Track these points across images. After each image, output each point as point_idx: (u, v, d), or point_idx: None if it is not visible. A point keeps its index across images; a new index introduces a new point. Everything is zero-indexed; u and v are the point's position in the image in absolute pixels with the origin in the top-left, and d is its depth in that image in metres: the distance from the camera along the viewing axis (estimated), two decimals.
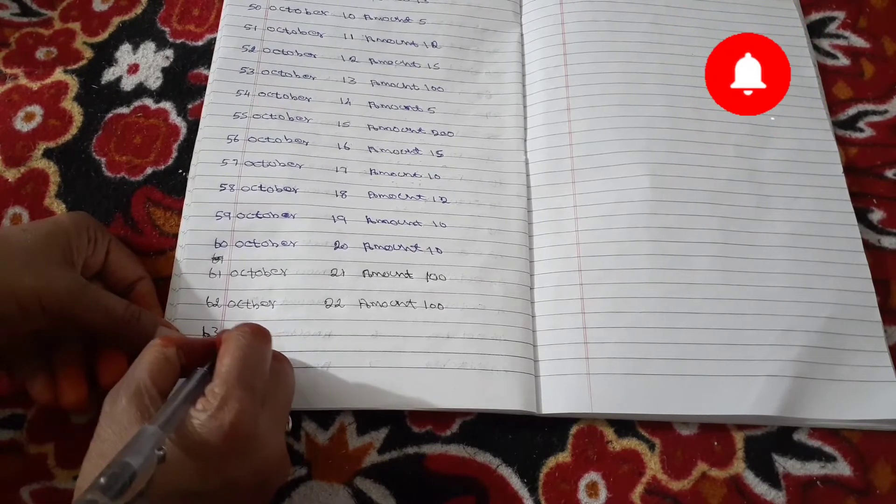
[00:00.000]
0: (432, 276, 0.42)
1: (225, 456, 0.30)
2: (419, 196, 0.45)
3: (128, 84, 0.48)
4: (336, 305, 0.41)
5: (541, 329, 0.41)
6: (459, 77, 0.49)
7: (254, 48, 0.48)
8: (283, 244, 0.42)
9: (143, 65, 0.49)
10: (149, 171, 0.45)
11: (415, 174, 0.45)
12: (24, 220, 0.44)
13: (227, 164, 0.44)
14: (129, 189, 0.45)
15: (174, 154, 0.46)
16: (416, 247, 0.43)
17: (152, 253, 0.43)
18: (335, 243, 0.43)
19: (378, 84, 0.48)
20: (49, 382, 0.36)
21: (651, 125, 0.47)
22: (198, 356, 0.34)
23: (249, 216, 0.43)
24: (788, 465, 0.39)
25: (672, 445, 0.39)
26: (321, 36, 0.49)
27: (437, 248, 0.43)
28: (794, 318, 0.41)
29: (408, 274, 0.42)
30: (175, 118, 0.47)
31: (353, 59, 0.49)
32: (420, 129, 0.47)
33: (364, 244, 0.43)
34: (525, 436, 0.39)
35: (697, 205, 0.44)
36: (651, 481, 0.38)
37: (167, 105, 0.47)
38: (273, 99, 0.47)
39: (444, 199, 0.45)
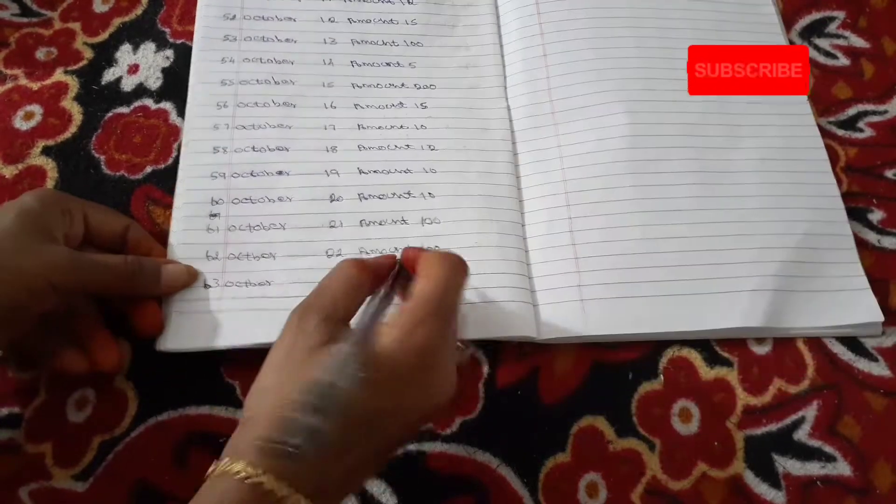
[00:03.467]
0: (427, 221, 0.44)
1: (405, 377, 0.30)
2: (408, 146, 0.46)
3: (128, 84, 0.48)
4: (337, 255, 0.42)
5: (535, 262, 0.43)
6: (437, 31, 0.51)
7: (234, 16, 0.49)
8: (280, 199, 0.43)
9: (143, 65, 0.49)
10: (148, 169, 0.45)
11: (402, 126, 0.47)
12: None
13: (218, 128, 0.45)
14: (128, 187, 0.45)
15: (174, 153, 0.46)
16: (409, 193, 0.44)
17: None
18: (331, 196, 0.44)
19: (358, 43, 0.49)
20: (79, 353, 0.37)
21: (624, 66, 0.49)
22: (380, 278, 0.35)
23: (244, 175, 0.44)
24: (788, 465, 0.39)
25: (672, 445, 0.39)
26: (299, 0, 0.50)
27: (429, 193, 0.44)
28: (771, 237, 0.44)
29: (403, 220, 0.44)
30: (175, 118, 0.47)
31: (331, 19, 0.50)
32: (403, 84, 0.48)
33: (359, 195, 0.44)
34: (525, 436, 0.39)
35: (673, 137, 0.47)
36: (651, 481, 0.38)
37: (167, 105, 0.47)
38: (258, 64, 0.48)
39: (432, 147, 0.46)
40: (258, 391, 0.30)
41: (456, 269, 0.34)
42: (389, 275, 0.36)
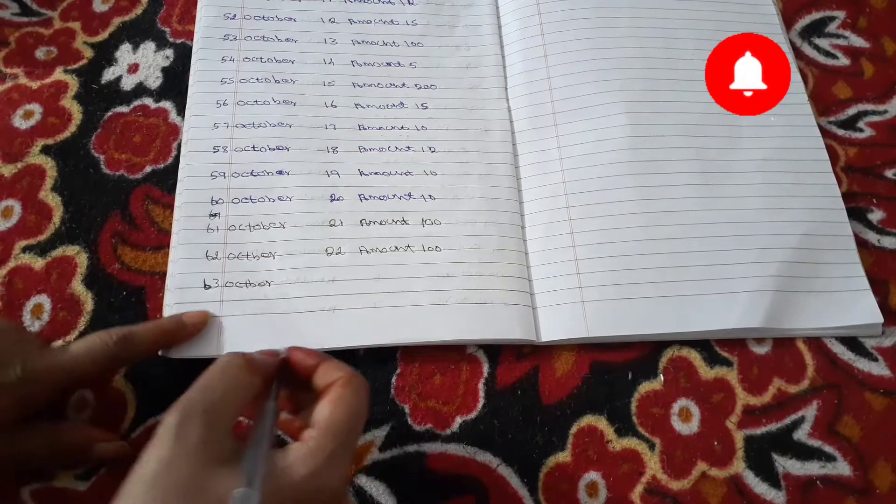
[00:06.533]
0: (427, 222, 0.44)
1: (302, 501, 0.28)
2: (408, 147, 0.46)
3: (128, 83, 0.48)
4: (337, 253, 0.42)
5: (535, 264, 0.43)
6: (437, 32, 0.51)
7: (234, 16, 0.49)
8: (280, 199, 0.43)
9: (143, 64, 0.49)
10: (148, 169, 0.45)
11: (402, 127, 0.47)
12: (16, 213, 0.44)
13: (218, 127, 0.45)
14: (127, 186, 0.45)
15: (173, 153, 0.46)
16: (409, 195, 0.44)
17: (149, 248, 0.43)
18: (331, 196, 0.44)
19: (359, 43, 0.50)
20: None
21: (625, 66, 0.49)
22: (268, 379, 0.33)
23: (244, 175, 0.44)
24: (788, 465, 0.39)
25: (672, 445, 0.39)
26: (299, 0, 0.50)
27: (429, 196, 0.45)
28: (771, 237, 0.44)
29: (404, 221, 0.44)
30: (175, 118, 0.47)
31: (332, 20, 0.50)
32: (403, 84, 0.48)
33: (359, 195, 0.44)
34: (525, 436, 0.39)
35: (673, 138, 0.47)
36: (651, 481, 0.38)
37: (167, 104, 0.47)
38: (258, 63, 0.48)
39: (432, 149, 0.46)
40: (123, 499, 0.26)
41: (365, 395, 0.32)
42: (274, 380, 0.33)
